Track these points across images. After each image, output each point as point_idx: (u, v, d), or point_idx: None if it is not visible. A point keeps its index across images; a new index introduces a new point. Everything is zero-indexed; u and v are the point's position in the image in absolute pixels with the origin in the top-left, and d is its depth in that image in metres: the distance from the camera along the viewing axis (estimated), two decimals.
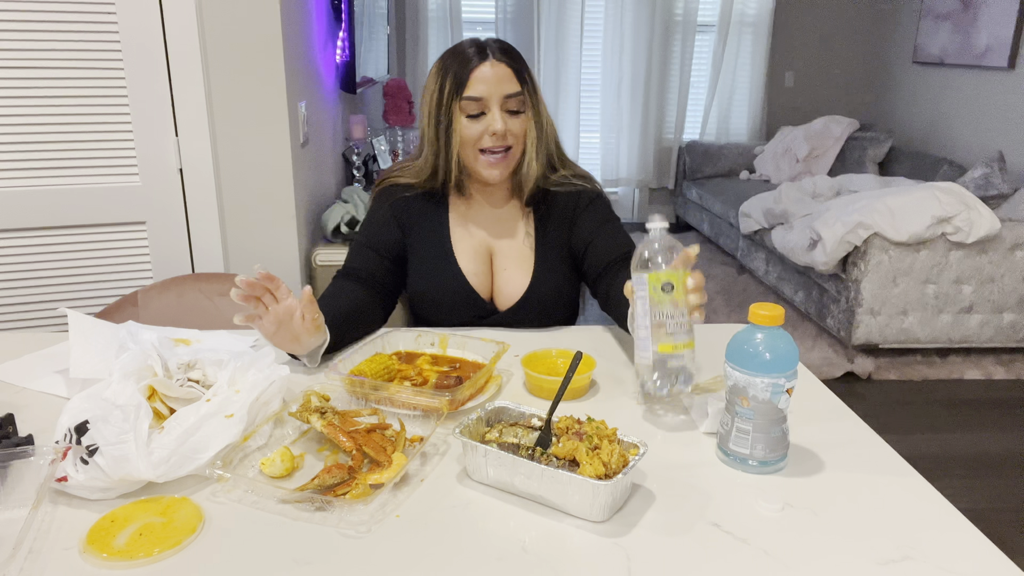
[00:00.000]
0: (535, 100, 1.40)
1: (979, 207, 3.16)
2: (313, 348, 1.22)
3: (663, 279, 0.98)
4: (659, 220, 1.01)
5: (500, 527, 0.84)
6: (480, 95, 1.34)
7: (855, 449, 1.02)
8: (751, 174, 5.25)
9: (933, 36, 4.82)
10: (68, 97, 1.90)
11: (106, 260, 2.03)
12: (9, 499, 0.85)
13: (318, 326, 1.19)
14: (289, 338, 1.17)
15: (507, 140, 1.37)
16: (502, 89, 1.34)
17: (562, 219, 1.49)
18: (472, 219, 1.50)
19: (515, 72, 1.36)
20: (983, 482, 2.52)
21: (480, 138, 1.36)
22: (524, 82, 1.37)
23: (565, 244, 1.49)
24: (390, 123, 3.72)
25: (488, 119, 1.35)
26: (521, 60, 1.39)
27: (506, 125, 1.35)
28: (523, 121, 1.38)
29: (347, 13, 2.90)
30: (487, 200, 1.49)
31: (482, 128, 1.36)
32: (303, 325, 1.16)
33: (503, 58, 1.36)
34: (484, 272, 1.49)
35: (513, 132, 1.37)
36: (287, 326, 1.15)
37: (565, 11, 5.09)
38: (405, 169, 1.50)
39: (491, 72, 1.34)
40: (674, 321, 1.00)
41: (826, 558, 0.79)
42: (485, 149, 1.37)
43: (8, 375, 1.20)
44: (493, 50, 1.36)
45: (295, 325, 1.15)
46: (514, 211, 1.50)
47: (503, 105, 1.35)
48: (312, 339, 1.20)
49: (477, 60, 1.34)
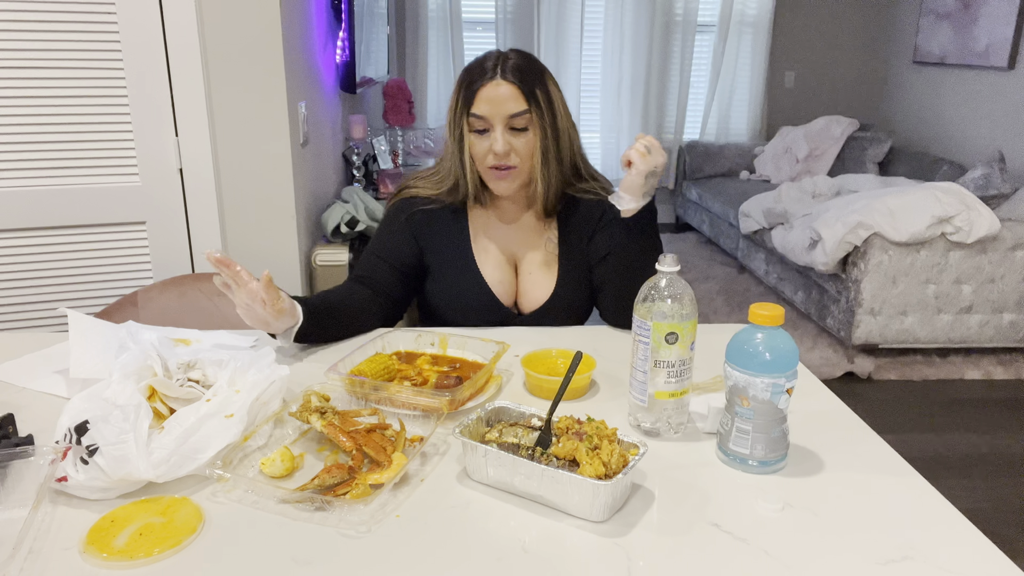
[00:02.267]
0: (547, 118, 1.36)
1: (979, 207, 3.15)
2: (283, 329, 1.26)
3: (667, 330, 0.98)
4: (671, 263, 0.99)
5: (500, 527, 0.84)
6: (484, 114, 1.34)
7: (855, 449, 1.01)
8: (751, 174, 5.24)
9: (933, 36, 4.82)
10: (68, 97, 1.90)
11: (106, 260, 2.03)
12: (9, 499, 0.85)
13: (280, 310, 1.22)
14: (255, 318, 1.21)
15: (510, 160, 1.36)
16: (506, 109, 1.34)
17: (584, 227, 1.49)
18: (494, 228, 1.50)
19: (523, 91, 1.34)
20: (983, 482, 2.52)
21: (486, 156, 1.37)
22: (533, 100, 1.35)
23: (585, 251, 1.50)
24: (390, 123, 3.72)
25: (491, 137, 1.35)
26: (533, 78, 1.36)
27: (509, 145, 1.35)
28: (529, 140, 1.37)
29: (347, 13, 2.90)
30: (507, 211, 1.50)
31: (487, 146, 1.36)
32: (264, 310, 1.19)
33: (511, 77, 1.34)
34: (508, 280, 1.50)
35: (517, 151, 1.36)
36: (252, 309, 1.19)
37: (565, 11, 5.09)
38: (424, 180, 1.49)
39: (496, 92, 1.33)
40: (674, 370, 1.00)
41: (826, 558, 0.79)
42: (491, 166, 1.38)
43: (8, 375, 1.20)
44: (504, 68, 1.34)
45: (258, 309, 1.19)
46: (533, 220, 1.51)
47: (507, 124, 1.35)
48: (279, 322, 1.23)
49: (486, 78, 1.34)
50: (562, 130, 1.40)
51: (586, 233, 1.50)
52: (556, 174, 1.42)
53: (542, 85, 1.37)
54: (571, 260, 1.49)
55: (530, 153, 1.38)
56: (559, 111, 1.39)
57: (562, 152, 1.42)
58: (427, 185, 1.48)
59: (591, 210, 1.50)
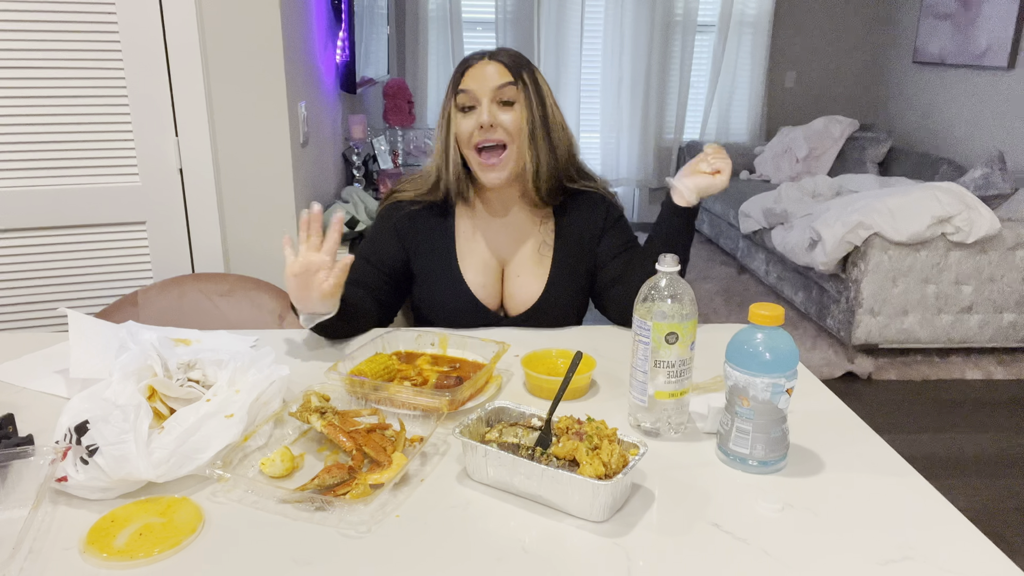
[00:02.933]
0: (534, 96, 1.37)
1: (979, 207, 3.15)
2: (316, 311, 1.24)
3: (667, 330, 0.98)
4: (670, 262, 0.99)
5: (500, 527, 0.84)
6: (470, 88, 1.35)
7: (855, 449, 1.01)
8: (751, 174, 5.24)
9: (933, 36, 4.82)
10: (68, 97, 1.90)
11: (106, 260, 2.03)
12: (9, 499, 0.85)
13: (333, 294, 1.21)
14: (302, 286, 1.19)
15: (496, 133, 1.35)
16: (493, 82, 1.35)
17: (588, 226, 1.48)
18: (481, 229, 1.48)
19: (510, 69, 1.36)
20: (983, 482, 2.52)
21: (472, 134, 1.36)
22: (519, 77, 1.36)
23: (587, 257, 1.49)
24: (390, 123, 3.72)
25: (478, 112, 1.35)
26: (522, 61, 1.39)
27: (494, 118, 1.35)
28: (516, 116, 1.36)
29: (347, 13, 2.90)
30: (495, 207, 1.48)
31: (473, 123, 1.36)
32: (323, 285, 1.18)
33: (500, 57, 1.37)
34: (493, 283, 1.48)
35: (504, 126, 1.35)
36: (307, 276, 1.17)
37: (565, 11, 5.09)
38: (411, 182, 1.49)
39: (483, 70, 1.36)
40: (674, 370, 1.00)
41: (826, 558, 0.79)
42: (479, 147, 1.36)
43: (8, 375, 1.20)
44: (494, 54, 1.38)
45: (315, 280, 1.17)
46: (524, 217, 1.49)
47: (494, 97, 1.35)
48: (322, 303, 1.22)
49: (475, 60, 1.38)
50: (551, 116, 1.40)
51: (593, 232, 1.48)
52: (547, 157, 1.39)
53: (529, 70, 1.39)
54: (567, 258, 1.47)
55: (518, 129, 1.36)
56: (547, 98, 1.40)
57: (552, 136, 1.40)
58: (412, 187, 1.48)
59: (595, 208, 1.48)
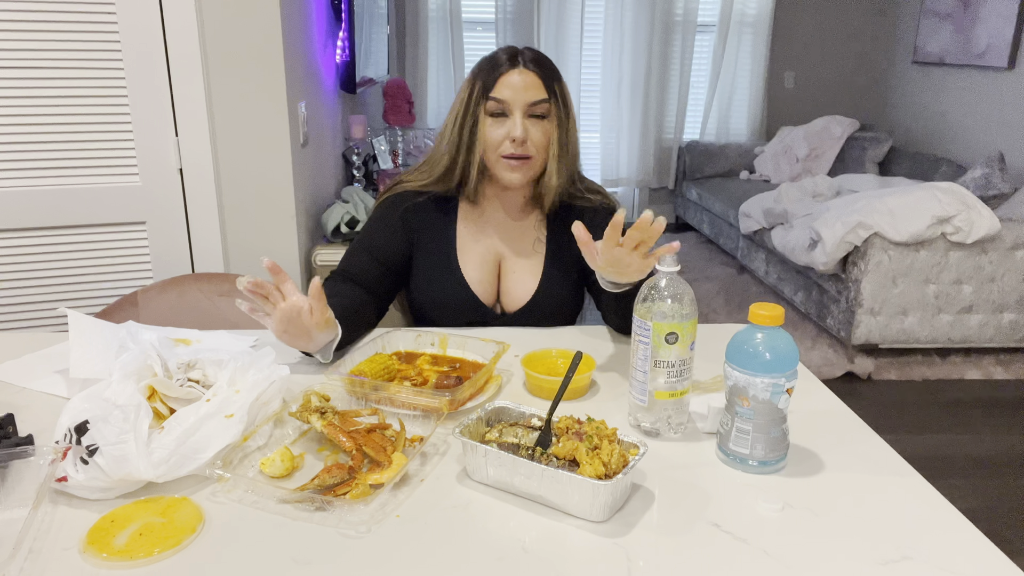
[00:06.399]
0: (563, 113, 1.38)
1: (979, 207, 3.16)
2: (324, 343, 1.21)
3: (667, 330, 0.98)
4: (670, 263, 0.99)
5: (500, 527, 0.84)
6: (504, 98, 1.34)
7: (855, 449, 1.01)
8: (751, 174, 5.25)
9: (933, 36, 4.82)
10: (68, 97, 1.90)
11: (106, 260, 2.03)
12: (9, 499, 0.85)
13: (327, 320, 1.17)
14: (299, 334, 1.15)
15: (527, 149, 1.35)
16: (528, 96, 1.34)
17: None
18: (482, 227, 1.49)
19: (544, 82, 1.35)
20: (983, 482, 2.52)
21: (502, 143, 1.36)
22: (552, 92, 1.36)
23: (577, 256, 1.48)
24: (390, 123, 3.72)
25: (510, 124, 1.34)
26: (553, 72, 1.38)
27: (527, 132, 1.34)
28: (546, 130, 1.36)
29: (347, 13, 2.90)
30: (501, 209, 1.48)
31: (504, 132, 1.35)
32: (312, 320, 1.13)
33: (533, 67, 1.35)
34: (490, 280, 1.48)
35: (534, 141, 1.36)
36: (296, 323, 1.12)
37: (565, 11, 5.09)
38: (415, 172, 1.48)
39: (519, 79, 1.34)
40: (674, 370, 1.00)
41: (826, 558, 0.79)
42: (506, 155, 1.36)
43: (8, 375, 1.20)
44: (525, 59, 1.36)
45: (304, 320, 1.12)
46: (527, 220, 1.49)
47: (527, 111, 1.35)
48: (323, 334, 1.18)
49: (507, 66, 1.35)
50: (572, 131, 1.41)
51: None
52: (567, 171, 1.41)
53: (559, 82, 1.39)
54: (559, 262, 1.48)
55: (546, 144, 1.37)
56: (572, 111, 1.41)
57: (571, 151, 1.42)
58: (418, 177, 1.47)
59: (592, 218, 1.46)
